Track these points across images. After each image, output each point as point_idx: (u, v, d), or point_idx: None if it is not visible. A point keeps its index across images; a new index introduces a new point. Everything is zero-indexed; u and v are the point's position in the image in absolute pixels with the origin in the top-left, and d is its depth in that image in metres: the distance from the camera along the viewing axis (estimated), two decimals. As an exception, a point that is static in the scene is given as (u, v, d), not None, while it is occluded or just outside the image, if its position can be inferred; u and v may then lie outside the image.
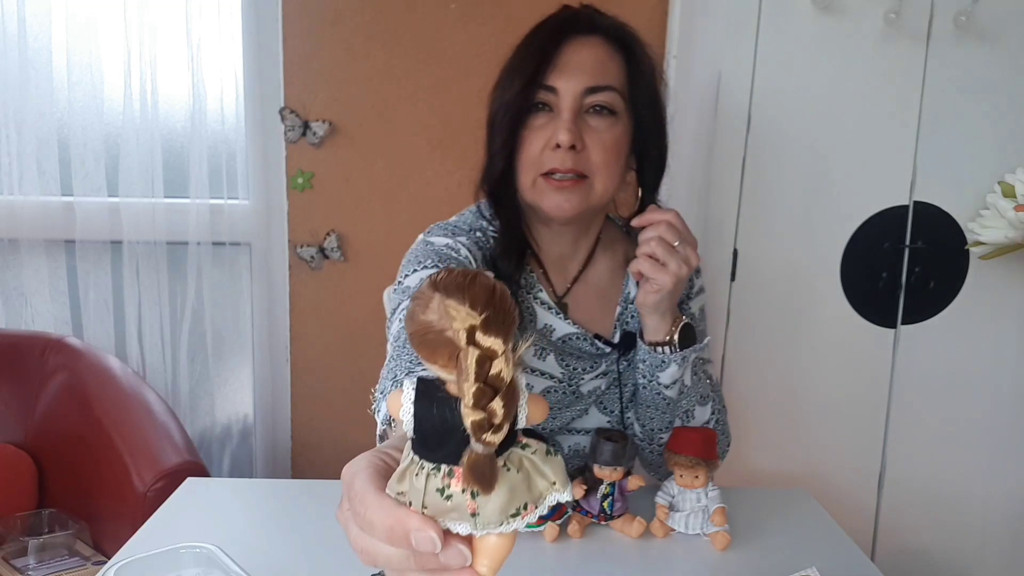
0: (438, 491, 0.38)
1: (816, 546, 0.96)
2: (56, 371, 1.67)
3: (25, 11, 1.71)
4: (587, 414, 1.09)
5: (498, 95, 1.02)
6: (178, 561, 0.84)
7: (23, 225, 1.78)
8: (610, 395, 1.09)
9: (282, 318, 1.86)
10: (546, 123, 0.98)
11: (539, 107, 0.99)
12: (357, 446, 1.01)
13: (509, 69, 1.02)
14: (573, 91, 0.96)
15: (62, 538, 1.51)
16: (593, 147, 0.97)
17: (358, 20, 1.75)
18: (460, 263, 0.98)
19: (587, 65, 0.98)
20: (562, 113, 0.97)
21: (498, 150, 1.01)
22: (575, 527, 0.95)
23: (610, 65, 0.99)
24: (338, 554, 0.90)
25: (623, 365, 1.07)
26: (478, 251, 1.02)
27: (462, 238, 1.03)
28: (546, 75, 0.97)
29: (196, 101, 1.75)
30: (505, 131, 0.99)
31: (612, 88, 0.98)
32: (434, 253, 0.99)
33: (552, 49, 0.98)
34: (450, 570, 0.39)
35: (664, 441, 1.05)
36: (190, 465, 1.44)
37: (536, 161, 0.98)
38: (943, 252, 1.46)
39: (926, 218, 1.46)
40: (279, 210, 1.81)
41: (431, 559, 0.39)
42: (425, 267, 0.97)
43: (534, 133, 0.98)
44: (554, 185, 0.97)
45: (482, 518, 0.38)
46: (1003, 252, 1.40)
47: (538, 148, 0.98)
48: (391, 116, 1.77)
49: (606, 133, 0.98)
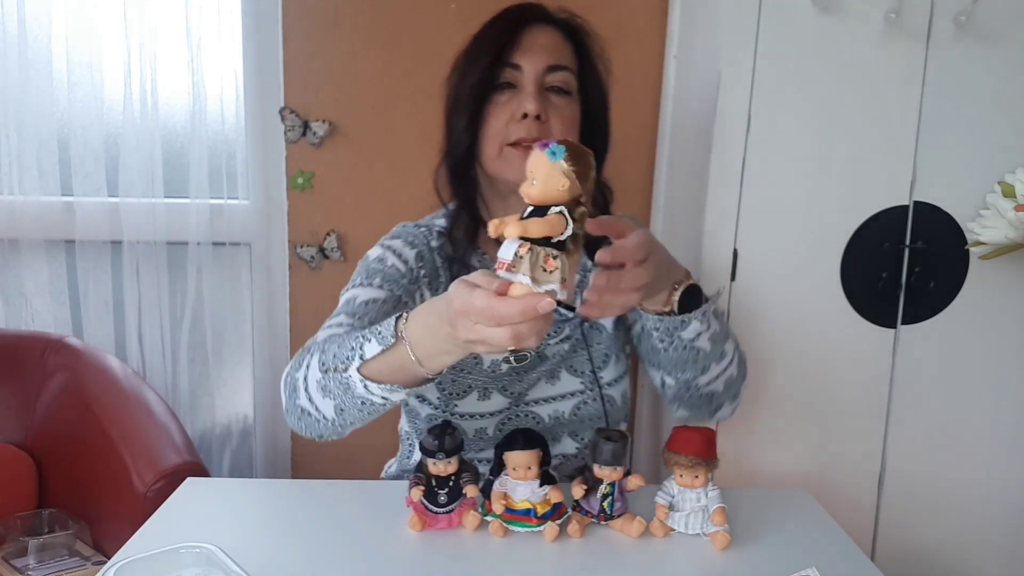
0: (541, 267, 0.68)
1: (816, 546, 0.96)
2: (56, 371, 1.67)
3: (25, 11, 1.71)
4: (558, 378, 1.13)
5: (459, 78, 1.11)
6: (178, 561, 0.84)
7: (23, 225, 1.78)
8: (578, 358, 1.13)
9: (282, 318, 1.86)
10: (510, 99, 1.06)
11: (503, 86, 1.07)
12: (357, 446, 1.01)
13: (470, 54, 1.11)
14: (536, 68, 1.06)
15: (62, 538, 1.51)
16: (554, 120, 1.06)
17: (358, 21, 1.75)
18: (383, 274, 1.07)
19: (547, 47, 1.08)
20: (527, 87, 1.05)
21: (465, 126, 1.08)
22: (575, 527, 0.95)
23: (564, 50, 1.10)
24: (338, 554, 0.90)
25: (586, 327, 1.14)
26: (411, 250, 1.11)
27: (397, 241, 1.12)
28: (511, 54, 1.06)
29: (196, 101, 1.75)
30: (471, 108, 1.07)
31: (568, 69, 1.08)
32: (364, 268, 1.10)
33: (515, 32, 1.07)
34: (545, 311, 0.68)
35: (704, 387, 1.07)
36: (190, 465, 1.44)
37: (501, 133, 1.06)
38: (943, 252, 1.46)
39: (926, 218, 1.45)
40: (279, 210, 1.81)
41: (543, 315, 0.68)
42: (354, 285, 1.08)
43: (499, 108, 1.07)
44: (522, 153, 1.04)
45: (555, 277, 0.68)
46: (1003, 252, 1.40)
47: (503, 121, 1.06)
48: (391, 116, 1.77)
49: (565, 109, 1.08)
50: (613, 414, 1.16)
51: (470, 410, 1.11)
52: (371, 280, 1.07)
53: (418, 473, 0.96)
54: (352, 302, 1.04)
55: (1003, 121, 1.43)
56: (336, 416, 0.91)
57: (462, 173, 1.13)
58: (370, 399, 0.87)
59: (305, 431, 0.97)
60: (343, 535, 0.94)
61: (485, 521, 0.95)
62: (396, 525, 0.96)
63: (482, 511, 0.95)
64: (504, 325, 0.69)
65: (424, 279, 1.11)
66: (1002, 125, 1.43)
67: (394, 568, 0.88)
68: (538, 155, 0.67)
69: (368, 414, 0.91)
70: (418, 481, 0.95)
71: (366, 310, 1.02)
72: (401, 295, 1.07)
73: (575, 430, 1.15)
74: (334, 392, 0.89)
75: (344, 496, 1.06)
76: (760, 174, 1.44)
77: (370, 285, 1.06)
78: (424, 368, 0.82)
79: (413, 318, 0.82)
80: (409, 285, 1.09)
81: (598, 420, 1.15)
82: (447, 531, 0.95)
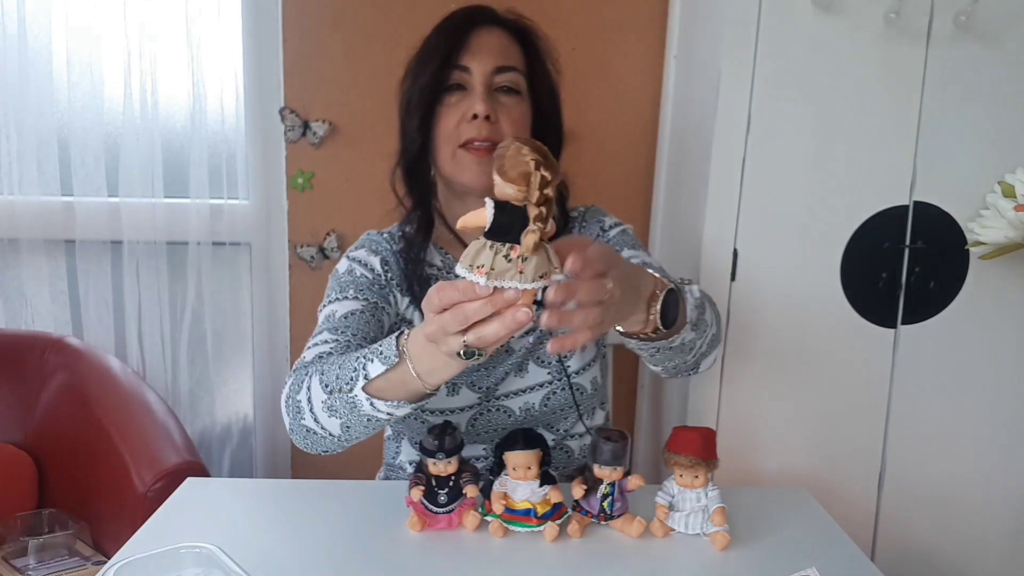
0: (504, 257, 0.66)
1: (816, 546, 0.96)
2: (56, 371, 1.67)
3: (25, 11, 1.71)
4: (526, 370, 1.14)
5: (410, 81, 1.13)
6: (178, 561, 0.84)
7: (23, 225, 1.78)
8: (544, 348, 1.14)
9: (282, 318, 1.86)
10: (460, 100, 1.08)
11: (453, 88, 1.09)
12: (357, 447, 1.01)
13: (420, 57, 1.12)
14: (484, 69, 1.08)
15: (62, 538, 1.51)
16: (504, 119, 1.08)
17: (358, 21, 1.75)
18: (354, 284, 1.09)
19: (494, 48, 1.10)
20: (476, 88, 1.07)
21: (416, 127, 1.11)
22: (575, 527, 0.95)
23: (512, 51, 1.11)
24: (338, 554, 0.90)
25: None
26: (374, 256, 1.14)
27: (360, 251, 1.16)
28: (459, 57, 1.08)
29: (196, 101, 1.75)
30: (422, 109, 1.10)
31: (516, 69, 1.10)
32: (336, 283, 1.11)
33: (463, 35, 1.09)
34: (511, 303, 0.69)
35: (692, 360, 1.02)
36: (190, 465, 1.44)
37: (453, 134, 1.08)
38: (943, 252, 1.46)
39: (926, 218, 1.46)
40: (279, 210, 1.81)
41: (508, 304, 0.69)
42: (329, 301, 1.09)
43: (449, 110, 1.09)
44: (473, 156, 1.07)
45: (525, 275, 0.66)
46: (1003, 252, 1.40)
47: (454, 122, 1.08)
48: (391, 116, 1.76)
49: (515, 109, 1.10)
50: (584, 402, 1.17)
51: (440, 406, 1.12)
52: (344, 293, 1.09)
53: (418, 473, 0.96)
54: (332, 318, 1.05)
55: (1003, 121, 1.43)
56: (342, 433, 0.92)
57: (416, 174, 1.15)
58: (376, 416, 0.88)
59: (311, 448, 0.98)
60: (343, 535, 0.94)
61: (485, 521, 0.95)
62: (396, 525, 0.96)
63: (482, 511, 0.95)
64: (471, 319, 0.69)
65: (393, 282, 1.13)
66: (1002, 125, 1.43)
67: (394, 568, 0.88)
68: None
69: (373, 428, 0.92)
70: (418, 481, 0.95)
71: (347, 323, 1.04)
72: (377, 301, 1.09)
73: (549, 422, 1.16)
74: (340, 411, 0.89)
75: (344, 496, 1.06)
76: (760, 174, 1.44)
77: (345, 298, 1.08)
78: (424, 383, 0.82)
79: (414, 334, 0.82)
80: (381, 291, 1.11)
81: (569, 409, 1.16)
82: (447, 531, 0.95)
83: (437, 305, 0.71)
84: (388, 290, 1.12)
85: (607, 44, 1.80)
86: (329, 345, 1.00)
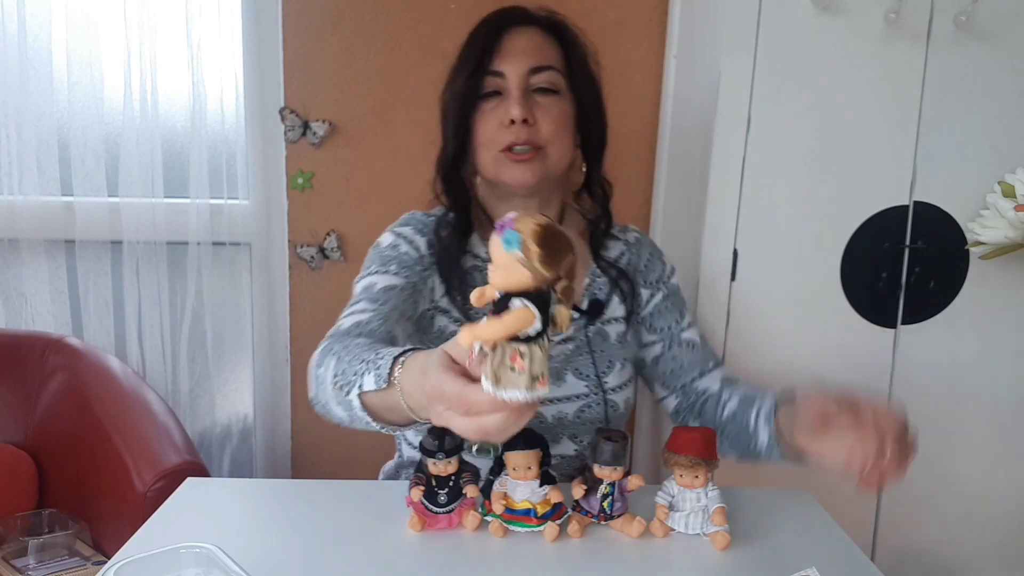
0: (511, 369, 0.58)
1: (816, 546, 0.96)
2: (56, 371, 1.67)
3: (25, 11, 1.71)
4: (563, 380, 1.13)
5: (449, 90, 1.12)
6: (178, 561, 0.84)
7: (23, 225, 1.78)
8: (583, 360, 1.14)
9: (282, 318, 1.86)
10: (496, 106, 1.07)
11: (489, 94, 1.08)
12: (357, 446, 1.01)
13: (457, 65, 1.11)
14: (519, 72, 1.06)
15: (62, 538, 1.51)
16: (543, 121, 1.07)
17: (358, 20, 1.75)
18: (398, 260, 1.08)
19: (528, 49, 1.08)
20: (511, 92, 1.06)
21: (451, 135, 1.10)
22: (575, 527, 0.95)
23: (548, 49, 1.09)
24: (338, 554, 0.90)
25: (591, 332, 1.14)
26: (421, 237, 1.12)
27: (407, 228, 1.13)
28: (492, 62, 1.07)
29: (196, 101, 1.75)
30: (456, 117, 1.09)
31: (553, 68, 1.08)
32: (377, 256, 1.10)
33: (495, 39, 1.08)
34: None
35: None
36: (190, 465, 1.43)
37: (493, 139, 1.07)
38: (943, 252, 1.46)
39: (926, 218, 1.46)
40: (279, 210, 1.81)
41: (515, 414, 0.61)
42: (368, 273, 1.07)
43: (487, 116, 1.08)
44: (513, 159, 1.06)
45: (523, 381, 0.59)
46: (1003, 252, 1.40)
47: (493, 128, 1.07)
48: (391, 116, 1.77)
49: (553, 108, 1.08)
50: (615, 419, 1.16)
51: None
52: (387, 267, 1.06)
53: (418, 473, 0.96)
54: (371, 289, 1.03)
55: (1003, 121, 1.43)
56: (349, 423, 0.89)
57: (453, 181, 1.14)
58: (372, 426, 0.84)
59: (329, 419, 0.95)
60: (343, 535, 0.94)
61: (485, 521, 0.95)
62: (396, 525, 0.96)
63: (482, 511, 0.95)
64: (473, 415, 0.62)
65: (435, 267, 1.11)
66: (1002, 125, 1.43)
67: (394, 568, 0.88)
68: (495, 241, 0.58)
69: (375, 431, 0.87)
70: (418, 481, 0.95)
71: (386, 296, 1.02)
72: (416, 282, 1.07)
73: (575, 432, 1.15)
74: (343, 406, 0.86)
75: (344, 496, 1.06)
76: (760, 174, 1.44)
77: (387, 272, 1.06)
78: (416, 417, 0.77)
79: (408, 367, 0.76)
80: (423, 272, 1.09)
81: (600, 424, 1.15)
82: (447, 531, 0.95)
83: (460, 405, 0.63)
84: (429, 272, 1.10)
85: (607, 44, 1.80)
86: (368, 314, 0.98)
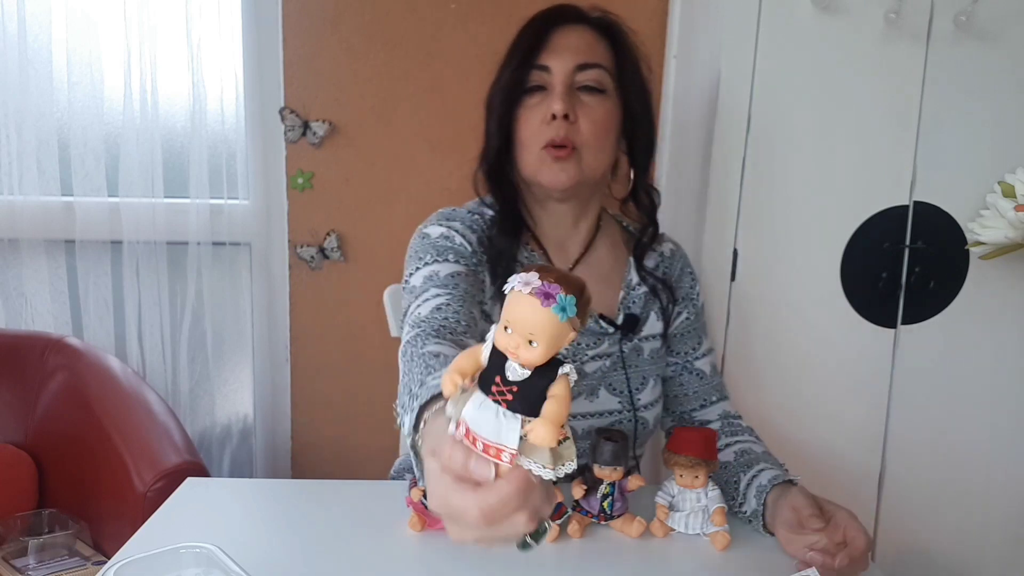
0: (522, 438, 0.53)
1: (816, 546, 0.95)
2: (56, 371, 1.67)
3: (25, 11, 1.71)
4: (597, 396, 1.11)
5: (495, 84, 1.10)
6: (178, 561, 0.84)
7: (23, 225, 1.78)
8: (617, 376, 1.12)
9: (282, 318, 1.86)
10: (540, 101, 1.05)
11: (534, 89, 1.06)
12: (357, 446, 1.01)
13: (505, 60, 1.10)
14: (564, 68, 1.04)
15: (62, 538, 1.51)
16: (584, 120, 1.04)
17: (358, 20, 1.75)
18: (455, 251, 1.04)
19: (577, 46, 1.06)
20: (555, 88, 1.04)
21: (495, 130, 1.08)
22: (575, 527, 0.95)
23: (597, 48, 1.07)
24: (338, 554, 0.90)
25: (627, 346, 1.12)
26: (472, 234, 1.08)
27: (456, 223, 1.09)
28: (539, 56, 1.05)
29: (196, 101, 1.75)
30: (500, 111, 1.07)
31: (601, 66, 1.06)
32: (431, 246, 1.05)
33: (543, 34, 1.06)
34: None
35: None
36: (190, 465, 1.43)
37: (536, 135, 1.05)
38: (943, 252, 1.47)
39: (926, 218, 1.46)
40: (279, 210, 1.81)
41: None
42: (426, 263, 1.03)
43: (530, 111, 1.06)
44: (552, 155, 1.04)
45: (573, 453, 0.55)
46: (1003, 252, 1.40)
47: (536, 123, 1.05)
48: (391, 116, 1.77)
49: (597, 108, 1.05)
50: (643, 436, 1.15)
51: None
52: (444, 256, 1.03)
53: (418, 473, 0.96)
54: (435, 277, 0.99)
55: (1003, 121, 1.43)
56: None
57: (498, 177, 1.11)
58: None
59: None
60: (343, 535, 0.94)
61: (485, 521, 0.95)
62: (396, 525, 0.96)
63: (482, 511, 0.95)
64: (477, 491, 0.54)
65: (487, 264, 1.08)
66: (1002, 125, 1.43)
67: (394, 568, 0.88)
68: (538, 311, 0.49)
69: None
70: (418, 481, 0.95)
71: (455, 281, 0.98)
72: (477, 271, 1.04)
73: None
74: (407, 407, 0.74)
75: (344, 496, 1.06)
76: (760, 174, 1.44)
77: (446, 261, 1.02)
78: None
79: (426, 440, 0.63)
80: (477, 266, 1.06)
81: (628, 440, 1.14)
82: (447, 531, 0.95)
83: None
84: (482, 268, 1.07)
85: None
86: (443, 298, 0.93)
